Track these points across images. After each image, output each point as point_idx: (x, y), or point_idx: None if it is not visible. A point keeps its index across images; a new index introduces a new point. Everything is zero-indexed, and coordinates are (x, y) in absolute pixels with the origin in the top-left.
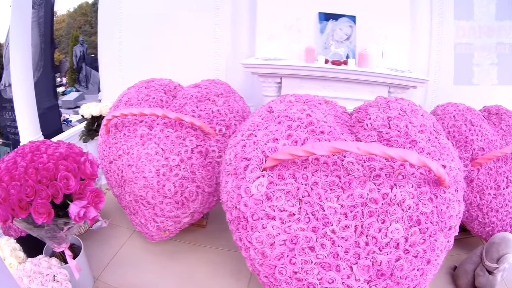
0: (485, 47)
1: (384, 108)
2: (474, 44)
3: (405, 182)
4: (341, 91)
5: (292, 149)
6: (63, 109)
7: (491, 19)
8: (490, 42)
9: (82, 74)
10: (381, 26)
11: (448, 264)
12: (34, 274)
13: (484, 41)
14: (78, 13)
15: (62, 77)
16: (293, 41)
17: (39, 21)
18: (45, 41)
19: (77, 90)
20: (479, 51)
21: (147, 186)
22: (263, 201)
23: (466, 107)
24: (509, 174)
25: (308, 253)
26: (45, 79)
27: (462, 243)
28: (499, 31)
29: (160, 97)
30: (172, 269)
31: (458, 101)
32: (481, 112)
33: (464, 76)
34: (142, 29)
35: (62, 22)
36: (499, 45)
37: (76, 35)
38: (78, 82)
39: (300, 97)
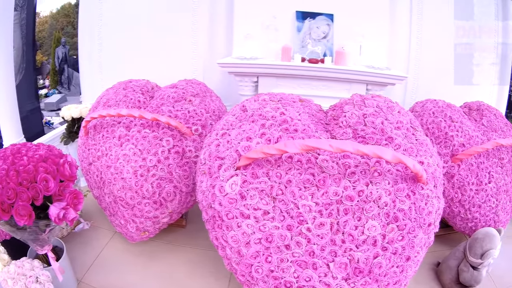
0: (467, 46)
1: (360, 105)
2: (456, 43)
3: (381, 179)
4: (318, 89)
5: (265, 147)
6: (46, 111)
7: (471, 18)
8: (472, 41)
9: (64, 76)
10: (359, 24)
11: (431, 260)
12: (18, 276)
13: (465, 40)
14: (61, 14)
15: (44, 79)
16: (270, 40)
17: (21, 23)
18: (27, 43)
19: (59, 92)
20: (462, 49)
21: (126, 187)
22: (237, 200)
23: (446, 104)
24: (491, 169)
25: (283, 251)
26: (27, 81)
27: (445, 239)
28: (480, 31)
29: (137, 98)
30: (153, 269)
31: (438, 98)
32: (462, 108)
33: (445, 73)
34: (122, 31)
35: (45, 24)
36: (482, 45)
37: (58, 36)
38: (60, 84)
39: (275, 96)
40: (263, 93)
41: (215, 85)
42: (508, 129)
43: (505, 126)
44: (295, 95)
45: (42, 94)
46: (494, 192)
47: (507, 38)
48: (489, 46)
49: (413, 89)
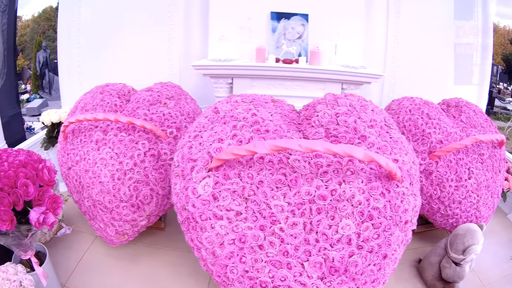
0: (447, 44)
1: (333, 104)
2: (432, 41)
3: (354, 178)
4: (293, 89)
5: (235, 148)
6: (27, 116)
7: (450, 18)
8: (450, 40)
9: (45, 81)
10: (335, 24)
11: (412, 257)
12: (2, 281)
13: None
14: (42, 18)
15: (26, 84)
16: (245, 41)
17: (2, 28)
18: (8, 48)
19: (40, 97)
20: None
21: (104, 190)
22: (210, 201)
23: (423, 101)
24: (470, 165)
25: (257, 251)
26: (8, 86)
27: (426, 236)
28: (459, 29)
29: (114, 102)
30: (134, 272)
31: (416, 96)
32: (440, 105)
33: (423, 71)
34: (100, 34)
35: (27, 28)
36: (457, 45)
37: (39, 40)
38: (41, 88)
39: (247, 97)
40: (236, 95)
41: (191, 88)
42: (488, 125)
43: (485, 122)
44: (267, 96)
45: (23, 99)
46: (474, 188)
47: (486, 38)
48: (469, 45)
49: (390, 87)
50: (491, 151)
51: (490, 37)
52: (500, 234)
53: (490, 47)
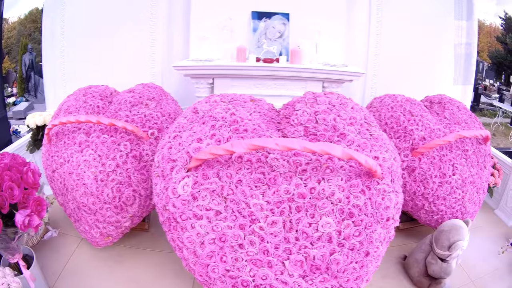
0: (429, 42)
1: (312, 102)
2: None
3: (333, 176)
4: (273, 88)
5: (213, 148)
6: (14, 120)
7: (433, 15)
8: (434, 38)
9: (31, 83)
10: (316, 22)
11: (398, 254)
12: None
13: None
14: (28, 20)
15: (12, 87)
16: (226, 41)
17: None
18: None
19: (26, 100)
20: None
21: (87, 192)
22: (189, 201)
23: (405, 98)
24: (454, 161)
25: (237, 250)
26: None
27: (411, 232)
28: (442, 28)
29: (96, 104)
30: (119, 274)
31: (399, 93)
32: (423, 102)
33: (406, 69)
34: (83, 36)
35: (13, 30)
36: (440, 42)
37: (25, 43)
38: (27, 91)
39: (226, 97)
40: (215, 95)
41: (173, 88)
42: (472, 121)
43: (469, 118)
44: (246, 95)
45: (9, 102)
46: (459, 184)
47: (470, 37)
48: (452, 42)
49: (372, 85)
50: (476, 147)
51: (474, 34)
52: (488, 229)
53: (474, 44)
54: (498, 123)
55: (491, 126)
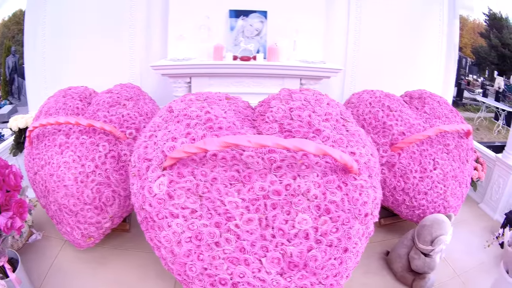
0: (406, 37)
1: (287, 99)
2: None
3: (309, 172)
4: (251, 86)
5: (187, 146)
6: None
7: (414, 11)
8: (415, 34)
9: (14, 86)
10: (294, 19)
11: (380, 249)
12: None
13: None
14: (12, 22)
15: None
16: (203, 40)
17: None
18: None
19: (10, 103)
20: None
21: (68, 194)
22: (165, 200)
23: (384, 93)
24: (435, 156)
25: (214, 248)
26: None
27: (393, 228)
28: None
29: (76, 105)
30: (103, 275)
31: (379, 89)
32: (403, 97)
33: (386, 65)
34: (64, 37)
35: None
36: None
37: (8, 45)
38: (11, 94)
39: (201, 95)
40: (190, 93)
41: (152, 88)
42: (453, 115)
43: (450, 112)
44: (222, 93)
45: None
46: (440, 178)
47: (452, 30)
48: (433, 38)
49: (351, 81)
50: (457, 141)
51: (456, 30)
52: (473, 223)
53: (456, 39)
54: (481, 117)
55: (474, 120)
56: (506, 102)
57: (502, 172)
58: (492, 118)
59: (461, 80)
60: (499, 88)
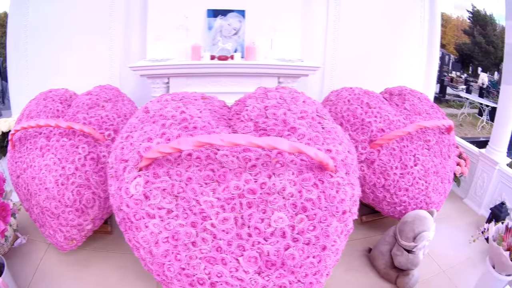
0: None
1: (262, 98)
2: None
3: (284, 170)
4: (228, 85)
5: (161, 147)
6: None
7: (394, 8)
8: (391, 31)
9: None
10: (272, 18)
11: (362, 247)
12: None
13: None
14: None
15: None
16: (181, 40)
17: None
18: None
19: None
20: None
21: (50, 196)
22: (142, 200)
23: (363, 91)
24: (416, 152)
25: (191, 248)
26: None
27: (375, 224)
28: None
29: (56, 108)
30: (87, 278)
31: (359, 86)
32: (382, 94)
33: (366, 62)
34: (46, 40)
35: None
36: (402, 34)
37: None
38: None
39: (177, 95)
40: (167, 94)
41: (132, 89)
42: (434, 111)
43: (431, 108)
44: (198, 93)
45: None
46: (422, 174)
47: (433, 26)
48: (414, 34)
49: (330, 79)
50: (439, 137)
51: (437, 27)
52: (458, 218)
53: (437, 36)
54: (465, 113)
55: (458, 116)
56: (490, 97)
57: (486, 167)
58: (476, 114)
59: (444, 76)
60: (483, 84)
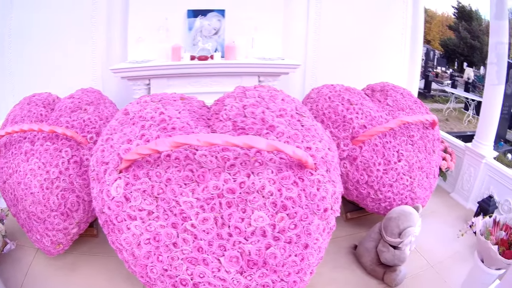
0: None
1: (241, 97)
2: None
3: (263, 169)
4: (209, 85)
5: (139, 148)
6: None
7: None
8: (374, 27)
9: None
10: (252, 17)
11: (348, 244)
12: None
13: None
14: None
15: None
16: (162, 41)
17: None
18: None
19: None
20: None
21: (35, 201)
22: (123, 202)
23: (344, 87)
24: (399, 148)
25: (172, 249)
26: None
27: (360, 221)
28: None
29: (40, 112)
30: (75, 281)
31: (342, 83)
32: (364, 90)
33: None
34: (29, 44)
35: None
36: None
37: None
38: None
39: (156, 96)
40: (146, 95)
41: (114, 91)
42: (417, 106)
43: (414, 104)
44: (177, 94)
45: None
46: (406, 170)
47: (416, 22)
48: (397, 33)
49: (312, 76)
50: (423, 132)
51: (420, 22)
52: (445, 213)
53: (420, 31)
54: (450, 108)
55: (444, 111)
56: (476, 92)
57: (472, 161)
58: (461, 108)
59: (429, 72)
60: (468, 79)
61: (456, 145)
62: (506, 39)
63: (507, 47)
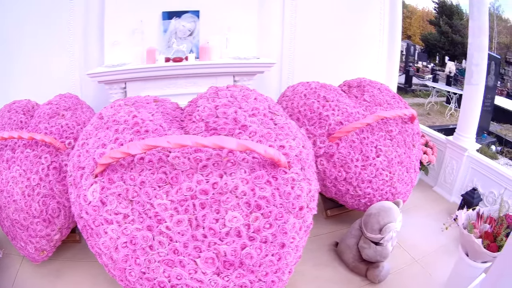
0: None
1: (213, 97)
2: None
3: (235, 169)
4: (185, 87)
5: (112, 152)
6: None
7: None
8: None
9: None
10: (226, 17)
11: (329, 241)
12: None
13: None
14: None
15: None
16: (137, 44)
17: None
18: None
19: None
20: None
21: (18, 208)
22: (99, 206)
23: (320, 84)
24: (378, 143)
25: (149, 252)
26: None
27: (341, 218)
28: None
29: (20, 119)
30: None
31: (319, 80)
32: (341, 87)
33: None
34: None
35: None
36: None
37: None
38: None
39: (130, 100)
40: (120, 99)
41: (92, 96)
42: (396, 101)
43: (392, 99)
44: (151, 96)
45: None
46: (385, 165)
47: (394, 18)
48: (374, 29)
49: (288, 74)
50: (401, 127)
51: (398, 17)
52: (429, 207)
53: (398, 26)
54: (432, 102)
55: (425, 105)
56: (458, 85)
57: (454, 154)
58: (443, 102)
59: (410, 67)
60: (450, 72)
61: (438, 138)
62: (486, 41)
63: (486, 49)
